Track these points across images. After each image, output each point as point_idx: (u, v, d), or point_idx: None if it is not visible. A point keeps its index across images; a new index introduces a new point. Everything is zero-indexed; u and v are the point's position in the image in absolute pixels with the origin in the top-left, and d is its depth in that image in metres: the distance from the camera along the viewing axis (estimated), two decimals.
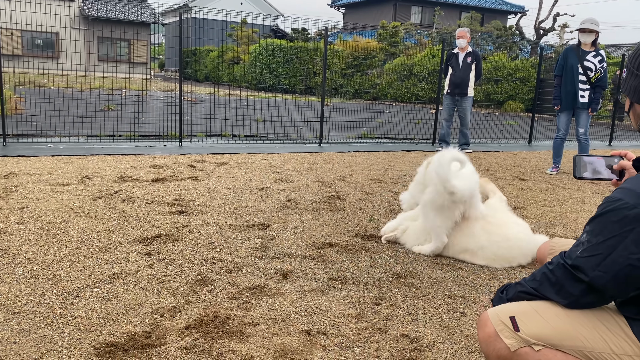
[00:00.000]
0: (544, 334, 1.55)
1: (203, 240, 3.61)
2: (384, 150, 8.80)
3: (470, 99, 8.97)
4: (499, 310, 1.63)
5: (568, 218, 4.76)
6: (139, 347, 2.21)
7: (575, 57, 6.89)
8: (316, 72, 22.14)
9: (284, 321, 2.50)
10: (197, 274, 3.02)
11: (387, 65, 20.72)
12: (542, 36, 22.47)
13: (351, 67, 20.96)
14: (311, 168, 6.70)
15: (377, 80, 20.53)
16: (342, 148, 8.88)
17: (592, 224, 1.50)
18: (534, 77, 19.00)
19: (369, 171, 6.63)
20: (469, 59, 8.82)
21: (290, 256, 3.39)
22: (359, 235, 3.91)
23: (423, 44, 22.81)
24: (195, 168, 6.26)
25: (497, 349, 1.60)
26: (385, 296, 2.84)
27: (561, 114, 7.12)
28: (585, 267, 1.47)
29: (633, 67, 1.58)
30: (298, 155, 7.78)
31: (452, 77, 8.89)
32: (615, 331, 1.51)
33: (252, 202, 4.73)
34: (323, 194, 5.20)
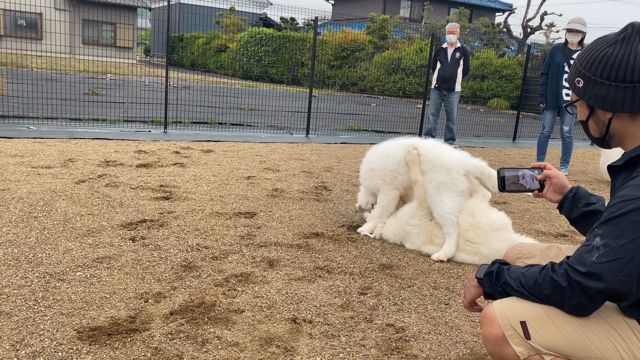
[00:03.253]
0: (557, 344, 1.51)
1: (188, 227, 3.58)
2: (370, 143, 8.76)
3: (457, 95, 9.01)
4: (507, 310, 1.58)
5: (551, 214, 4.81)
6: (122, 331, 2.18)
7: (561, 56, 6.95)
8: (304, 63, 22.03)
9: (270, 309, 2.49)
10: (182, 260, 2.99)
11: (375, 58, 20.70)
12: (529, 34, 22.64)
13: (339, 59, 20.91)
14: (298, 158, 6.68)
15: (365, 73, 20.52)
16: (329, 139, 8.87)
17: (607, 226, 1.44)
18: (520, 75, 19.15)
19: (356, 163, 6.62)
20: (458, 55, 8.85)
21: (276, 245, 3.38)
22: (345, 226, 3.91)
23: (411, 38, 22.83)
24: (181, 155, 6.20)
25: (504, 353, 1.56)
26: (371, 286, 2.85)
27: (546, 112, 7.19)
28: (605, 274, 1.41)
29: (594, 75, 1.55)
30: (285, 145, 7.75)
31: (440, 72, 8.91)
32: (628, 336, 1.49)
33: (239, 191, 4.70)
34: (310, 184, 5.19)
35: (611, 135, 1.59)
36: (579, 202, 1.88)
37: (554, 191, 1.95)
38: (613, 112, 1.54)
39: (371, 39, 21.45)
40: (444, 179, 3.34)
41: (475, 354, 2.21)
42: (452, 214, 3.31)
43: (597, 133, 1.63)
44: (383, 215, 3.66)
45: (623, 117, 1.54)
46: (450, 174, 3.34)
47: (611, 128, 1.58)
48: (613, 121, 1.56)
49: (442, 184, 3.35)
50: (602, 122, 1.59)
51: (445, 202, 3.32)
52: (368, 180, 3.73)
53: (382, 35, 21.66)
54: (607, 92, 1.53)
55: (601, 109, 1.56)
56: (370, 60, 20.78)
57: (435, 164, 3.40)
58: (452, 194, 3.32)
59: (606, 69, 1.52)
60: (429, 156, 3.43)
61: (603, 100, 1.54)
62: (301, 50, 22.26)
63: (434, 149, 3.47)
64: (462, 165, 3.35)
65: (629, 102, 1.50)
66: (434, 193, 3.37)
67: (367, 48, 21.20)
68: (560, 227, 4.38)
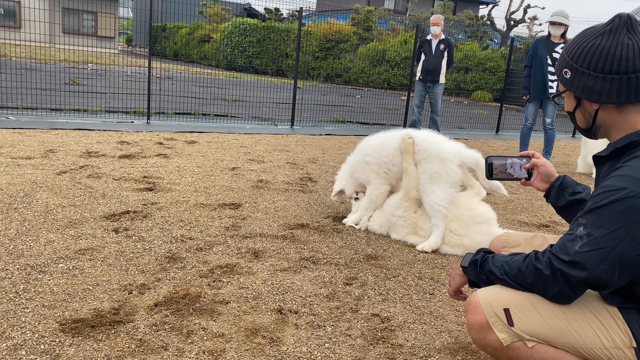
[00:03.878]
0: (539, 331, 1.53)
1: (172, 218, 3.55)
2: (355, 135, 8.81)
3: (442, 86, 9.03)
4: (491, 298, 1.60)
5: (534, 205, 4.87)
6: (106, 323, 2.16)
7: (544, 49, 7.00)
8: (288, 54, 21.92)
9: (255, 299, 2.48)
10: (166, 252, 2.97)
11: (359, 49, 20.67)
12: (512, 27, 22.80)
13: (324, 50, 20.83)
14: (283, 149, 6.65)
15: (350, 65, 20.48)
16: (313, 131, 8.85)
17: (591, 216, 1.46)
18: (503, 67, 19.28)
19: (341, 154, 6.62)
20: (442, 46, 8.86)
21: (261, 236, 3.37)
22: (330, 217, 3.91)
23: (396, 29, 22.83)
24: (164, 146, 6.13)
25: (488, 340, 1.59)
26: (356, 276, 2.85)
27: (529, 104, 7.26)
28: (588, 263, 1.43)
29: (581, 66, 1.55)
30: (269, 137, 7.71)
31: (425, 64, 8.92)
32: (608, 323, 1.51)
33: (223, 182, 4.67)
34: (295, 176, 5.18)
35: (597, 126, 1.61)
36: (565, 191, 1.91)
37: (541, 180, 1.97)
38: (599, 103, 1.55)
39: (356, 30, 21.40)
40: (438, 169, 3.35)
41: (459, 343, 2.23)
42: (442, 205, 3.32)
43: (584, 124, 1.65)
44: (370, 209, 3.66)
45: (609, 108, 1.56)
46: (445, 164, 3.35)
47: (597, 119, 1.59)
48: (599, 112, 1.58)
49: (436, 174, 3.35)
50: (588, 113, 1.61)
51: (437, 192, 3.32)
52: (360, 172, 3.71)
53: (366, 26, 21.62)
54: (593, 83, 1.54)
55: (588, 100, 1.57)
56: (355, 52, 20.75)
57: (430, 153, 3.40)
58: (444, 185, 3.33)
59: (593, 60, 1.53)
60: (424, 145, 3.43)
61: (590, 92, 1.55)
62: (285, 41, 22.13)
63: (429, 139, 3.47)
64: (457, 156, 3.36)
65: (615, 94, 1.51)
66: (427, 183, 3.37)
67: (352, 39, 21.15)
68: (543, 218, 4.43)
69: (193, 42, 24.26)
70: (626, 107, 1.53)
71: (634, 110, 1.53)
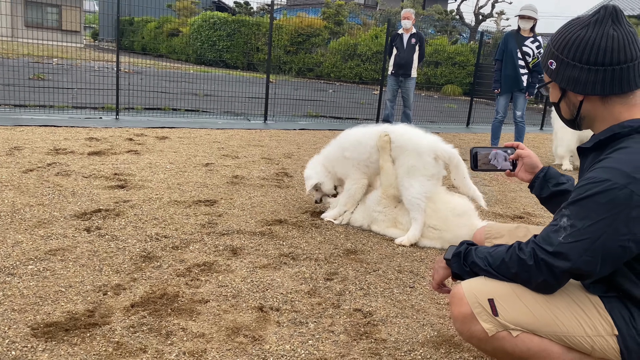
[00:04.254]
0: (523, 320, 1.54)
1: (146, 216, 3.46)
2: (329, 129, 8.79)
3: (414, 80, 9.07)
4: (475, 289, 1.60)
5: (507, 197, 4.93)
6: (81, 326, 2.08)
7: (514, 43, 7.09)
8: (259, 48, 21.73)
9: (235, 298, 2.44)
10: (141, 251, 2.89)
11: (331, 44, 20.63)
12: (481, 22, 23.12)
13: (295, 44, 20.72)
14: (257, 145, 6.58)
15: (321, 59, 20.43)
16: (287, 125, 8.79)
17: (574, 207, 1.46)
18: (472, 61, 19.51)
19: (316, 149, 6.56)
20: (413, 41, 8.90)
21: (239, 232, 3.31)
22: (308, 212, 3.88)
23: (367, 24, 22.86)
24: (135, 142, 5.99)
25: (473, 331, 1.58)
26: (336, 272, 2.83)
27: (500, 97, 7.35)
28: (571, 254, 1.44)
29: (566, 57, 1.55)
30: (242, 132, 7.62)
31: (397, 58, 8.94)
32: (591, 312, 1.52)
33: (197, 178, 4.59)
34: (270, 171, 5.12)
35: (582, 118, 1.61)
36: (549, 181, 1.92)
37: (525, 170, 1.98)
38: (584, 94, 1.55)
39: (327, 24, 21.35)
40: (415, 163, 3.34)
41: (442, 336, 2.23)
42: (420, 199, 3.31)
43: (569, 115, 1.65)
44: (349, 203, 3.64)
45: (594, 99, 1.56)
46: (422, 157, 3.34)
47: (582, 110, 1.60)
48: (584, 104, 1.58)
49: (413, 167, 3.34)
50: (573, 105, 1.61)
51: (415, 186, 3.32)
52: (339, 167, 3.68)
53: (337, 21, 21.59)
54: (578, 74, 1.54)
55: (573, 91, 1.58)
56: (326, 46, 20.70)
57: (407, 148, 3.39)
58: (422, 179, 3.33)
59: (578, 51, 1.53)
60: (401, 140, 3.42)
61: (575, 83, 1.56)
62: (256, 35, 21.93)
63: (406, 134, 3.46)
64: (432, 149, 3.36)
65: (599, 85, 1.52)
66: (405, 177, 3.36)
67: (323, 34, 21.10)
68: (517, 209, 4.49)
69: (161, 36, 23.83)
70: (610, 98, 1.54)
71: (617, 102, 1.54)
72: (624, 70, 1.50)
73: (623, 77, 1.50)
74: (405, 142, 3.43)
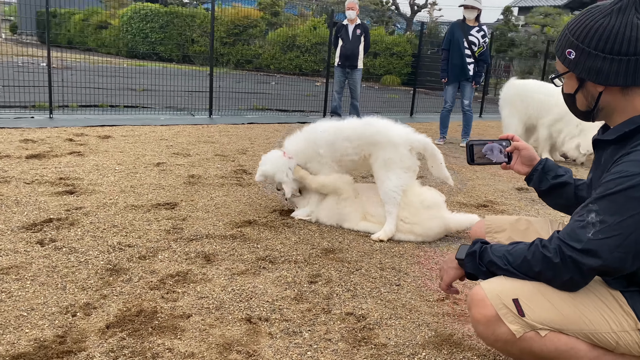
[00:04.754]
0: (550, 319, 1.49)
1: (104, 224, 3.20)
2: (278, 123, 8.61)
3: (360, 72, 9.06)
4: (497, 289, 1.53)
5: (467, 185, 4.99)
6: (53, 355, 1.85)
7: (460, 32, 7.20)
8: (194, 40, 21.08)
9: (219, 309, 2.27)
10: (105, 263, 2.65)
11: (269, 35, 20.32)
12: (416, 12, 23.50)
13: (232, 36, 20.25)
14: (207, 141, 6.32)
15: (260, 51, 20.09)
16: (234, 120, 8.53)
17: (604, 202, 1.42)
18: (409, 52, 19.84)
19: (270, 144, 6.41)
20: (358, 31, 8.87)
21: (208, 237, 3.12)
22: (277, 211, 3.73)
23: (304, 15, 22.69)
24: (75, 142, 5.59)
25: (498, 334, 1.52)
26: (319, 273, 2.71)
27: (448, 87, 7.45)
28: (602, 250, 1.39)
29: (588, 46, 1.50)
30: (189, 127, 7.32)
31: (343, 49, 8.88)
32: (614, 308, 1.50)
33: (151, 179, 4.32)
34: (227, 169, 4.91)
35: (599, 109, 1.57)
36: (548, 174, 1.89)
37: (522, 163, 1.94)
38: (606, 85, 1.51)
39: (264, 15, 21.00)
40: (391, 155, 3.27)
41: (440, 335, 2.17)
42: (396, 192, 3.25)
43: (585, 106, 1.60)
44: (320, 200, 3.52)
45: (614, 90, 1.52)
46: (397, 149, 3.27)
47: (600, 102, 1.55)
48: (603, 95, 1.54)
49: (389, 160, 3.27)
50: (592, 96, 1.56)
51: (392, 179, 3.25)
52: (313, 162, 3.54)
53: (274, 11, 21.29)
54: (601, 64, 1.49)
55: (594, 82, 1.53)
56: (265, 38, 20.38)
57: (380, 140, 3.31)
58: (399, 171, 3.26)
59: (602, 40, 1.48)
60: (376, 138, 3.33)
61: (597, 74, 1.51)
62: (191, 27, 21.25)
63: (378, 125, 3.37)
64: (407, 141, 3.30)
65: (622, 76, 1.48)
66: (381, 170, 3.29)
67: (261, 25, 20.75)
68: (479, 198, 4.54)
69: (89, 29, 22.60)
70: (631, 89, 1.50)
71: (638, 93, 1.50)
72: None
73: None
74: (376, 135, 3.36)
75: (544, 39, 17.96)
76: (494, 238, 1.97)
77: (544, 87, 6.63)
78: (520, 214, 4.11)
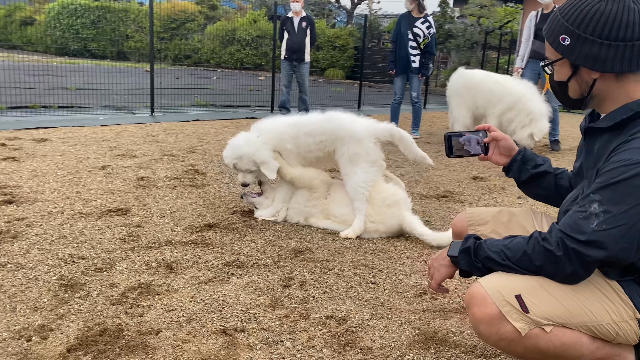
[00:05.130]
0: (554, 313, 1.44)
1: (51, 235, 2.94)
2: (225, 119, 8.37)
3: (308, 65, 8.96)
4: (498, 286, 1.48)
5: (424, 177, 5.00)
6: None
7: (406, 24, 7.23)
8: (129, 35, 20.26)
9: (190, 323, 2.11)
10: (58, 279, 2.42)
11: (207, 29, 19.83)
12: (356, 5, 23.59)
13: (169, 30, 19.61)
14: (153, 140, 6.03)
15: (199, 45, 19.57)
16: (178, 117, 8.22)
17: (607, 192, 1.38)
18: (352, 45, 19.91)
19: (220, 141, 6.20)
20: (304, 24, 8.76)
21: (168, 244, 2.94)
22: (237, 212, 3.57)
23: (243, 8, 22.29)
24: (9, 147, 5.18)
25: (502, 332, 1.46)
26: (292, 276, 2.60)
27: (397, 79, 7.48)
28: (607, 241, 1.36)
29: (584, 32, 1.46)
30: (131, 127, 6.97)
31: (289, 43, 8.75)
32: (613, 298, 1.47)
33: (97, 184, 4.04)
34: (178, 169, 4.69)
35: (592, 97, 1.54)
36: (528, 164, 1.86)
37: (501, 154, 1.90)
38: (602, 72, 1.48)
39: (201, 9, 20.46)
40: (356, 150, 3.19)
41: (424, 333, 2.11)
42: (364, 187, 3.17)
43: (578, 94, 1.57)
44: (287, 199, 3.40)
45: (609, 77, 1.49)
46: (362, 143, 3.19)
47: (594, 89, 1.52)
48: (598, 82, 1.50)
49: (355, 155, 3.19)
50: (586, 83, 1.53)
51: (359, 174, 3.17)
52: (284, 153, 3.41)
53: (211, 5, 20.79)
54: (598, 50, 1.45)
55: (591, 68, 1.49)
56: (203, 32, 19.87)
57: (343, 135, 3.22)
58: (365, 165, 3.18)
59: (598, 26, 1.44)
60: (340, 133, 3.24)
61: (594, 60, 1.47)
62: (124, 22, 20.41)
63: (344, 123, 3.28)
64: (371, 133, 3.22)
65: (619, 62, 1.45)
66: (347, 165, 3.20)
67: (198, 19, 20.21)
68: (437, 189, 4.55)
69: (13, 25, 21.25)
70: (626, 76, 1.48)
71: (632, 79, 1.48)
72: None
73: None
74: (338, 130, 3.27)
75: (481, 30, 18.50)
76: (477, 231, 1.93)
77: (492, 76, 6.72)
78: (480, 203, 4.15)
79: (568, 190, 1.82)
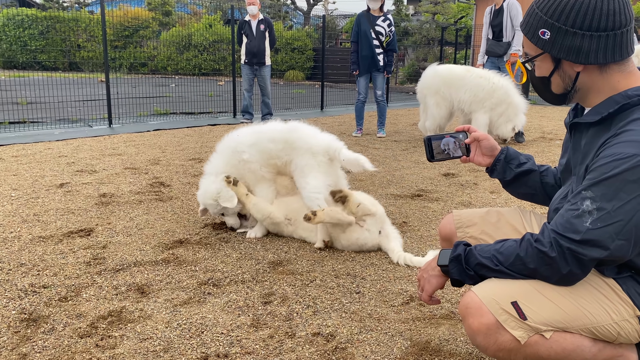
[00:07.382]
0: (553, 318, 1.38)
1: (8, 263, 2.72)
2: (187, 127, 8.15)
3: (269, 68, 8.83)
4: (493, 294, 1.40)
5: (395, 176, 4.94)
6: None
7: (367, 23, 7.18)
8: (80, 45, 19.62)
9: (168, 351, 1.96)
10: (19, 312, 2.23)
11: (162, 35, 19.38)
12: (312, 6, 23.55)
13: (122, 39, 19.09)
14: (113, 154, 5.78)
15: (154, 52, 19.11)
16: (138, 128, 7.95)
17: (599, 188, 1.32)
18: (310, 46, 19.84)
19: (183, 150, 6.00)
20: (262, 27, 8.62)
21: (137, 265, 2.76)
22: (209, 226, 3.42)
23: (197, 13, 21.92)
24: None
25: (501, 342, 1.38)
26: (272, 291, 2.47)
27: (360, 79, 7.42)
28: (603, 239, 1.30)
29: (564, 24, 1.40)
30: (89, 140, 6.69)
31: (248, 46, 8.59)
32: (611, 296, 1.42)
33: (56, 204, 3.81)
34: (142, 183, 4.48)
35: (576, 90, 1.48)
36: (511, 163, 1.80)
37: (483, 154, 1.84)
38: (586, 64, 1.42)
39: (154, 15, 20.01)
40: (308, 162, 3.07)
41: (417, 344, 2.02)
42: (317, 192, 3.00)
43: (561, 89, 1.51)
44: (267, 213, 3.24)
45: (592, 69, 1.43)
46: (316, 157, 3.08)
47: (578, 82, 1.46)
48: (581, 75, 1.45)
49: (307, 166, 3.07)
50: (569, 77, 1.47)
51: (310, 182, 3.04)
52: (243, 170, 3.25)
53: (165, 11, 20.36)
54: (580, 42, 1.40)
55: (573, 61, 1.43)
56: (158, 39, 19.41)
57: (300, 147, 3.11)
58: (315, 173, 3.05)
59: (579, 17, 1.38)
60: (297, 144, 3.12)
61: (576, 53, 1.41)
62: (75, 32, 19.75)
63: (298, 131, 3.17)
64: (325, 149, 3.10)
65: (602, 53, 1.39)
66: (300, 178, 3.09)
67: (152, 25, 19.75)
68: (411, 188, 4.50)
69: None
70: (609, 67, 1.42)
71: (616, 70, 1.43)
72: (623, 34, 1.39)
73: (623, 42, 1.40)
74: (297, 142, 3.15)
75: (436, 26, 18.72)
76: (466, 233, 1.86)
77: (473, 71, 6.54)
78: (454, 200, 4.12)
79: (554, 187, 1.77)
